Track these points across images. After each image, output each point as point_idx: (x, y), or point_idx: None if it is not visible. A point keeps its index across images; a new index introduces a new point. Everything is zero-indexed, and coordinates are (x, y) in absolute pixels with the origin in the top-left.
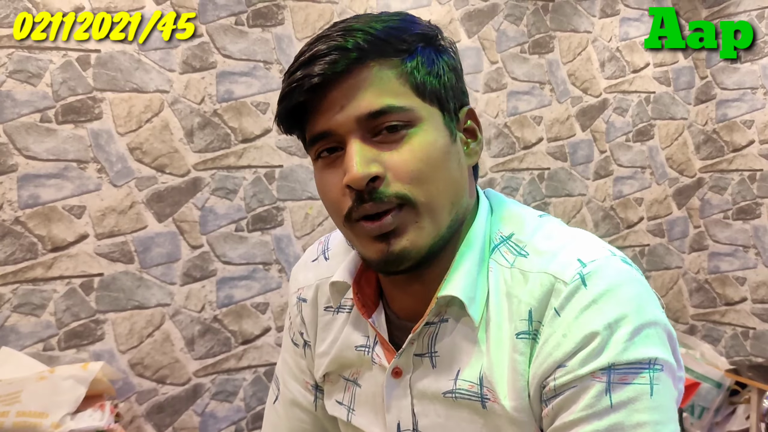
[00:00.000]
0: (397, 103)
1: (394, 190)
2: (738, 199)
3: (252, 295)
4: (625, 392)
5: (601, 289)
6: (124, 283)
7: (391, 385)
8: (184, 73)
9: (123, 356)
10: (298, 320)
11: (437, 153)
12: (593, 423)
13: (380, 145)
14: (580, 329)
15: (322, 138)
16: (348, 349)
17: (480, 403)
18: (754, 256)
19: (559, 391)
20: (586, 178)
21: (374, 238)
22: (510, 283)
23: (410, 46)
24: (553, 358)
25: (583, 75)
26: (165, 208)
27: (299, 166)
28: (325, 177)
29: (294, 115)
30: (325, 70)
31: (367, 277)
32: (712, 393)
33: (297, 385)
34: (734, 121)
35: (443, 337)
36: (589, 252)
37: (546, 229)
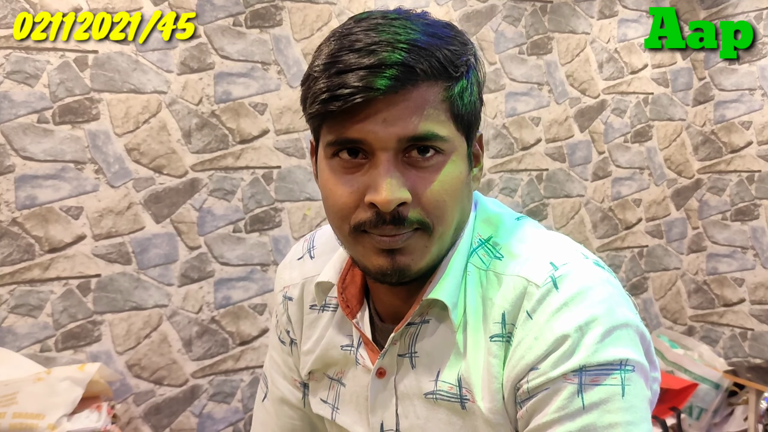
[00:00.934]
0: (439, 132)
1: (416, 217)
2: (736, 200)
3: (250, 296)
4: (596, 393)
5: (573, 292)
6: (122, 284)
7: (375, 386)
8: (182, 74)
9: (120, 357)
10: (284, 318)
11: (459, 185)
12: (566, 424)
13: (409, 168)
14: (552, 332)
15: (351, 143)
16: (333, 348)
17: (459, 404)
18: (753, 258)
19: (533, 394)
20: (584, 179)
21: (380, 251)
22: (485, 286)
23: (459, 71)
24: (526, 361)
25: (582, 76)
26: (163, 209)
27: (297, 167)
28: (338, 180)
29: (329, 114)
30: (387, 83)
31: (352, 276)
32: (710, 394)
33: (285, 382)
34: (732, 122)
35: (423, 338)
36: (562, 255)
37: (521, 232)
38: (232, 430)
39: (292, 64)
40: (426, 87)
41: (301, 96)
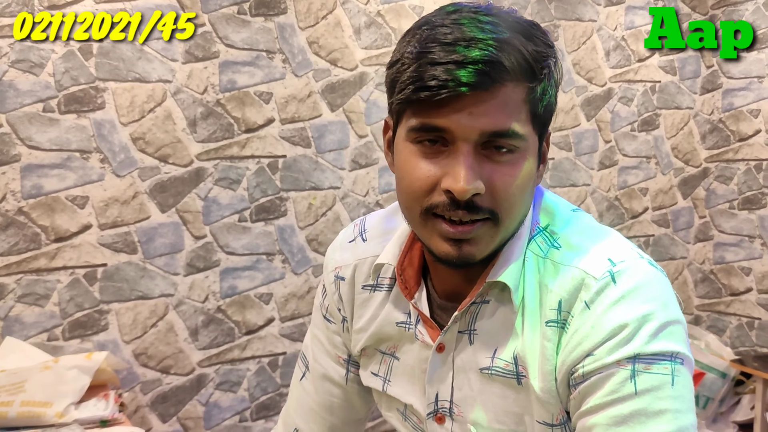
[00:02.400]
0: (519, 130)
1: (488, 206)
2: (744, 189)
3: (255, 286)
4: (648, 380)
5: (630, 286)
6: (128, 273)
7: (435, 360)
8: (187, 63)
9: (127, 346)
10: (336, 297)
11: (529, 181)
12: (617, 406)
13: (487, 162)
14: (609, 322)
15: (434, 130)
16: (389, 325)
17: (516, 380)
18: (760, 247)
19: (587, 377)
20: (590, 168)
21: (447, 239)
22: (542, 273)
23: (543, 73)
24: (582, 347)
25: (588, 64)
26: (168, 198)
27: (303, 156)
28: (418, 165)
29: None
30: (474, 79)
31: (410, 259)
32: (717, 383)
33: (329, 359)
34: (740, 111)
35: (483, 317)
36: (619, 252)
37: (578, 223)
38: (239, 418)
39: (297, 53)
40: (512, 86)
41: (387, 78)
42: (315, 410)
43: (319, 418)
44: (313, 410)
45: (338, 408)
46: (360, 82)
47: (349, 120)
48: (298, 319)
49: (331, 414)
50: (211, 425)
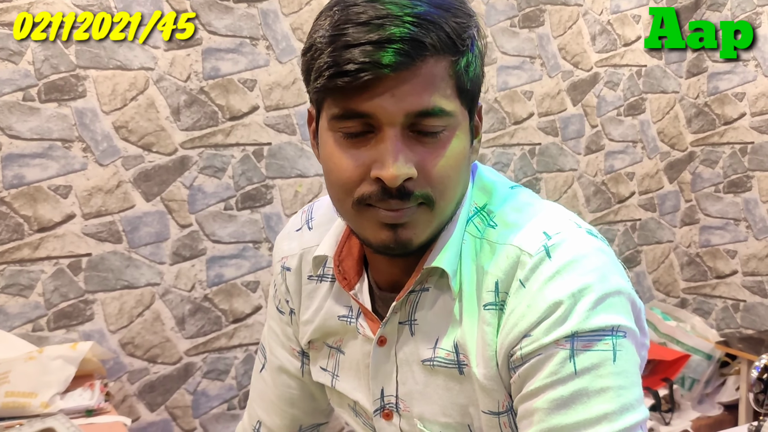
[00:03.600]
0: (446, 107)
1: (421, 191)
2: (729, 172)
3: (242, 274)
4: (588, 358)
5: (565, 260)
6: (113, 263)
7: (377, 354)
8: (169, 50)
9: (113, 336)
10: (283, 288)
11: (463, 160)
12: (558, 389)
13: (416, 144)
14: (544, 299)
15: (357, 117)
16: (331, 318)
17: (457, 370)
18: (745, 229)
19: (525, 360)
20: (577, 153)
21: (383, 225)
22: (479, 255)
23: (465, 44)
24: (519, 328)
25: (574, 49)
26: (152, 187)
27: (288, 144)
28: (342, 155)
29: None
30: (395, 59)
31: (348, 248)
32: (702, 365)
33: (284, 351)
34: (726, 94)
35: (423, 307)
36: (555, 224)
37: (515, 200)
38: (227, 406)
39: (280, 39)
40: (434, 62)
41: (302, 66)
42: (275, 402)
43: (279, 410)
44: (273, 402)
45: (298, 399)
46: None
47: None
48: None
49: (292, 406)
50: (199, 414)
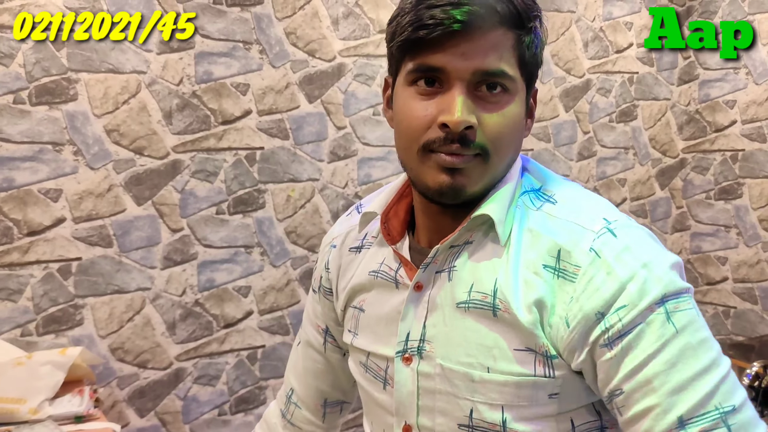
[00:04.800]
0: (509, 71)
1: (480, 142)
2: (720, 179)
3: (234, 279)
4: (682, 317)
5: (630, 239)
6: (103, 267)
7: (412, 298)
8: (162, 54)
9: (103, 341)
10: (322, 265)
11: (517, 124)
12: (667, 349)
13: (479, 101)
14: (622, 268)
15: (431, 71)
16: (362, 275)
17: (492, 311)
18: (736, 236)
19: (625, 332)
20: (569, 159)
21: (443, 169)
22: (536, 222)
23: (531, 24)
24: (601, 294)
25: (567, 55)
26: (144, 191)
27: (281, 148)
28: (415, 104)
29: (415, 42)
30: (468, 18)
31: (395, 211)
32: None
33: (311, 328)
34: (717, 101)
35: (463, 256)
36: (612, 212)
37: (571, 186)
38: (218, 412)
39: (274, 44)
40: (502, 31)
41: (388, 33)
42: (302, 374)
43: (305, 381)
44: (301, 373)
45: (321, 373)
46: (338, 73)
47: (327, 111)
48: (276, 312)
49: (316, 378)
50: (189, 419)
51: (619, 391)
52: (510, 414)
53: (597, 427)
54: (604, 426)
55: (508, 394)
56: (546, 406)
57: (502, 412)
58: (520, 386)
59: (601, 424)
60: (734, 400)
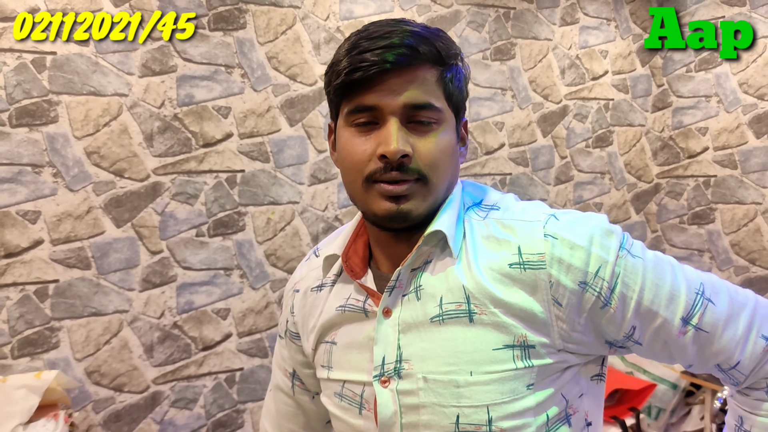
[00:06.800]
0: (435, 103)
1: (416, 167)
2: (693, 204)
3: (213, 301)
4: (637, 248)
5: (570, 215)
6: (81, 289)
7: (381, 322)
8: (144, 77)
9: (79, 364)
10: (287, 311)
11: (449, 149)
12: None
13: (412, 132)
14: (580, 238)
15: (367, 110)
16: (329, 312)
17: (468, 318)
18: (709, 260)
19: (613, 285)
20: (547, 183)
21: (387, 198)
22: (487, 229)
23: (451, 61)
24: (575, 267)
25: (544, 81)
26: (123, 213)
27: (261, 171)
28: (355, 141)
29: (351, 85)
30: (397, 58)
31: (354, 249)
32: (668, 394)
33: (280, 372)
34: (689, 128)
35: (427, 274)
36: (548, 207)
37: (509, 196)
38: None
39: (256, 68)
40: (426, 68)
41: (326, 80)
42: (275, 417)
43: (278, 424)
44: (274, 417)
45: (293, 416)
46: (319, 97)
47: (308, 135)
48: (255, 334)
49: (288, 420)
50: None
51: (632, 329)
52: (494, 412)
53: (564, 417)
54: (568, 414)
55: (492, 392)
56: (525, 399)
57: (488, 411)
58: (503, 382)
59: (566, 413)
60: (698, 279)
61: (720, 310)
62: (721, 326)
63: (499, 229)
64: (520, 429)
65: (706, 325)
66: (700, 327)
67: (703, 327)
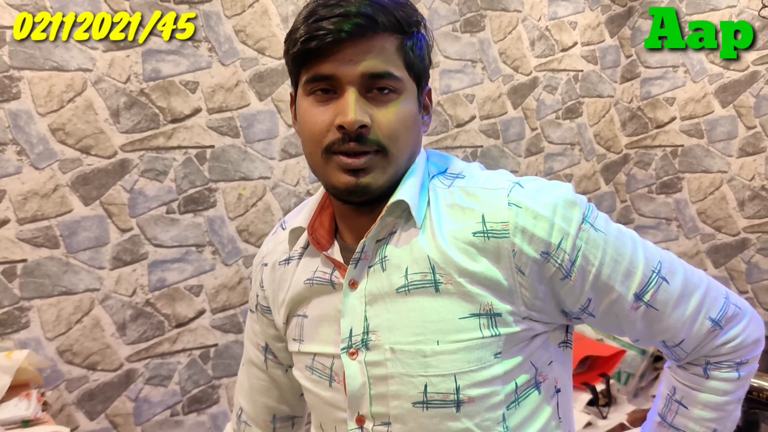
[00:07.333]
0: (395, 72)
1: (376, 139)
2: (661, 173)
3: (185, 278)
4: (601, 221)
5: (535, 183)
6: (50, 268)
7: (349, 296)
8: (108, 51)
9: (50, 343)
10: (257, 285)
11: (410, 119)
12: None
13: (371, 101)
14: (543, 208)
15: (324, 80)
16: (298, 286)
17: (433, 288)
18: (676, 229)
19: (574, 257)
20: (518, 155)
21: (346, 171)
22: (452, 197)
23: (411, 29)
24: (538, 236)
25: (514, 53)
26: (91, 191)
27: (231, 147)
28: (313, 111)
29: (307, 54)
30: (353, 28)
31: (320, 221)
32: (636, 360)
33: (252, 347)
34: (657, 99)
35: (392, 245)
36: (513, 175)
37: (474, 165)
38: (170, 413)
39: (223, 41)
40: (385, 37)
41: (285, 50)
42: (249, 392)
43: (252, 398)
44: (247, 392)
45: (266, 390)
46: None
47: (278, 109)
48: (229, 310)
49: (262, 395)
50: (141, 421)
51: (587, 301)
52: (462, 381)
53: (533, 384)
54: (538, 381)
55: (459, 361)
56: (493, 367)
57: (455, 380)
58: (470, 350)
59: (536, 380)
60: (657, 257)
61: (673, 290)
62: (671, 305)
63: (463, 197)
64: (489, 397)
65: (658, 302)
66: (652, 304)
67: (654, 304)
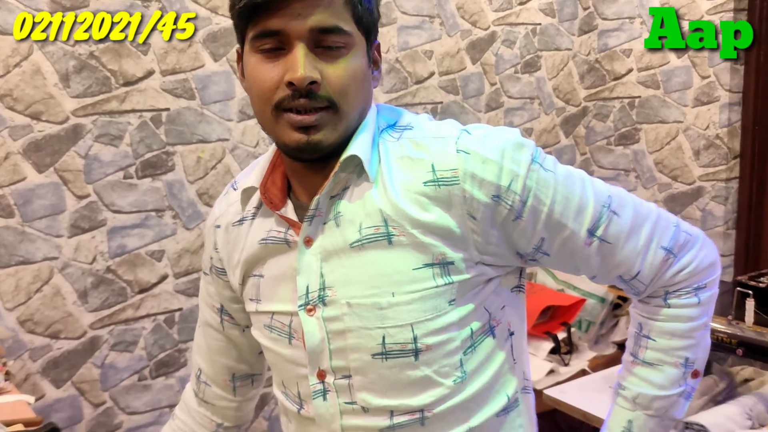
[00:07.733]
0: (344, 26)
1: (326, 95)
2: (619, 125)
3: (146, 243)
4: (549, 161)
5: (482, 130)
6: (5, 238)
7: (304, 253)
8: (54, 13)
9: (10, 314)
10: (210, 247)
11: (360, 74)
12: (559, 190)
13: (320, 57)
14: (491, 152)
15: (271, 35)
16: (252, 246)
17: (386, 241)
18: (634, 179)
19: (525, 198)
20: (477, 110)
21: (296, 128)
22: (401, 149)
23: None
24: (487, 180)
25: (472, 8)
26: (44, 157)
27: (187, 109)
28: (261, 68)
29: (254, 8)
30: None
31: (273, 180)
32: (596, 308)
33: (207, 309)
34: (614, 51)
35: (346, 200)
36: (461, 124)
37: (423, 116)
38: (138, 377)
39: (174, 1)
40: None
41: (230, 5)
42: (206, 353)
43: (210, 359)
44: (205, 352)
45: (224, 350)
46: None
47: (233, 70)
48: (192, 274)
49: (221, 355)
50: (108, 386)
51: (541, 240)
52: (419, 330)
53: (487, 329)
54: (491, 326)
55: (415, 311)
56: (448, 315)
57: (412, 330)
58: (424, 300)
59: (490, 324)
60: (606, 193)
61: (624, 222)
62: (623, 238)
63: (412, 148)
64: (445, 344)
65: (610, 236)
66: (604, 238)
67: (606, 238)
